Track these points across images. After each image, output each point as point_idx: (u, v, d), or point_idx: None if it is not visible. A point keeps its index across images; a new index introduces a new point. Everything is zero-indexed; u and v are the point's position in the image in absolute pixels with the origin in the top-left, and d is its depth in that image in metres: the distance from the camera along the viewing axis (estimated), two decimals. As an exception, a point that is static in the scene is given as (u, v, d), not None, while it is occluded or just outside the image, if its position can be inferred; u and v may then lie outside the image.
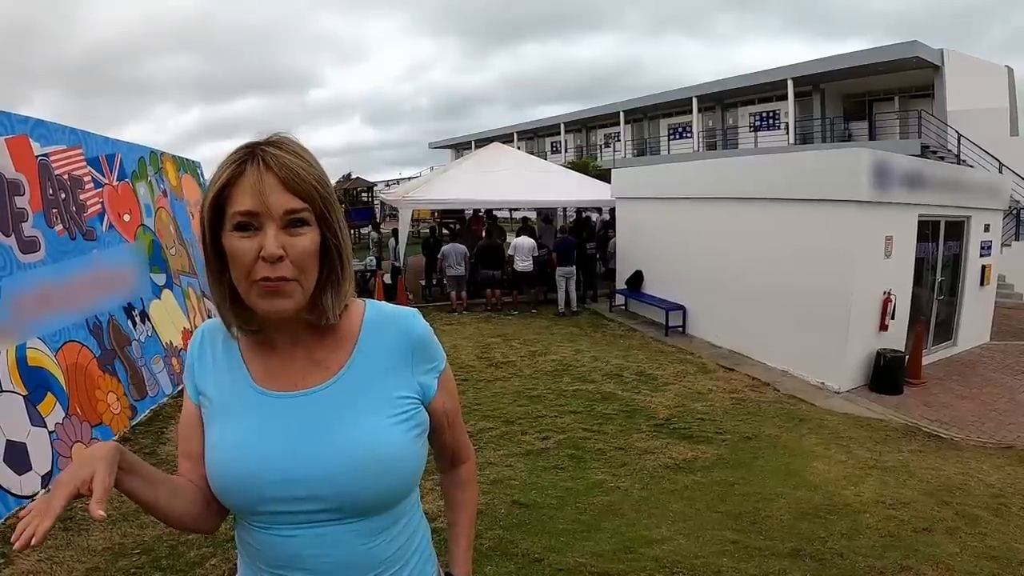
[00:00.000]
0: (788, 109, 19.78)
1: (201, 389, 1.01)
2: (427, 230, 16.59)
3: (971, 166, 12.75)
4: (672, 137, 25.95)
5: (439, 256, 10.50)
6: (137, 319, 5.39)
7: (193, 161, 8.03)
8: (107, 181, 5.36)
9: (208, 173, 0.95)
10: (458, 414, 1.14)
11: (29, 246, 4.06)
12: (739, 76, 21.25)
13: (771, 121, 21.67)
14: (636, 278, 9.98)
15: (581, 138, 32.38)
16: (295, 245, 0.86)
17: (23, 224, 4.04)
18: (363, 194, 25.46)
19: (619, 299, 10.55)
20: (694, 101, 22.98)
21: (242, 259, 0.86)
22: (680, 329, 8.79)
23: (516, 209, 19.66)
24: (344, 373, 0.96)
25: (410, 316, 1.03)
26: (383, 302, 1.05)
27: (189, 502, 0.96)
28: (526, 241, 10.48)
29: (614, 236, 11.02)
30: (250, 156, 0.87)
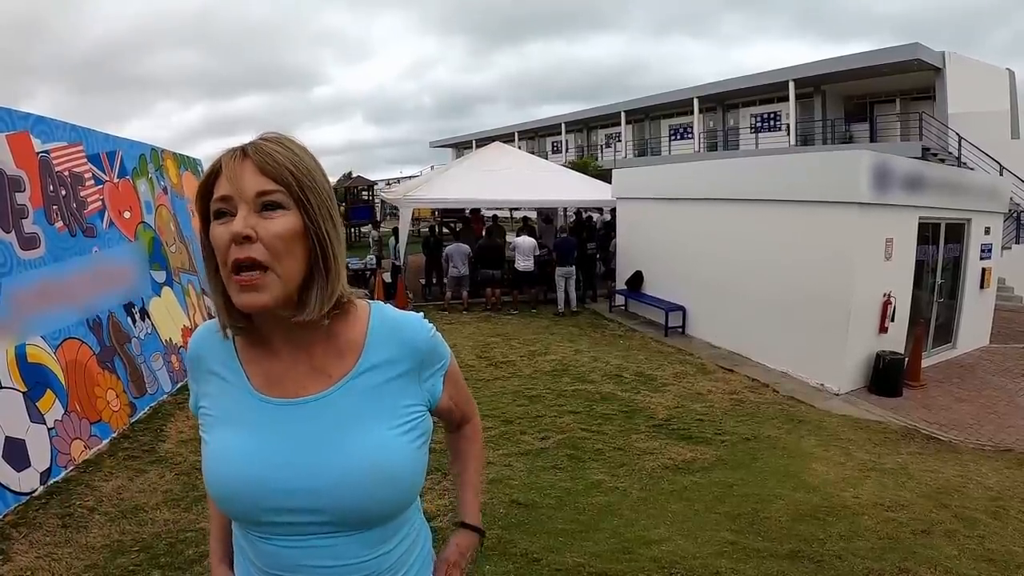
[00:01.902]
0: (789, 110, 19.77)
1: (200, 401, 1.01)
2: (427, 229, 16.59)
3: (972, 169, 12.75)
4: (673, 138, 25.94)
5: (444, 257, 10.50)
6: (137, 316, 5.39)
7: (194, 158, 8.03)
8: (108, 178, 5.36)
9: (209, 171, 0.95)
10: (463, 389, 1.14)
11: (29, 243, 4.06)
12: (740, 77, 21.24)
13: (772, 122, 21.65)
14: (636, 278, 9.98)
15: (582, 138, 32.36)
16: (267, 228, 0.83)
17: (23, 220, 4.04)
18: (363, 193, 25.44)
19: (619, 299, 10.54)
20: (695, 102, 22.96)
21: (219, 245, 0.85)
22: (680, 330, 8.79)
23: (517, 209, 19.66)
24: (346, 382, 0.93)
25: (416, 324, 1.00)
26: (388, 306, 1.02)
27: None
28: (527, 241, 10.48)
29: (615, 236, 11.03)
30: (235, 150, 0.87)
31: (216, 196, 0.86)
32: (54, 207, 4.42)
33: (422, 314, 1.03)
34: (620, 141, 27.85)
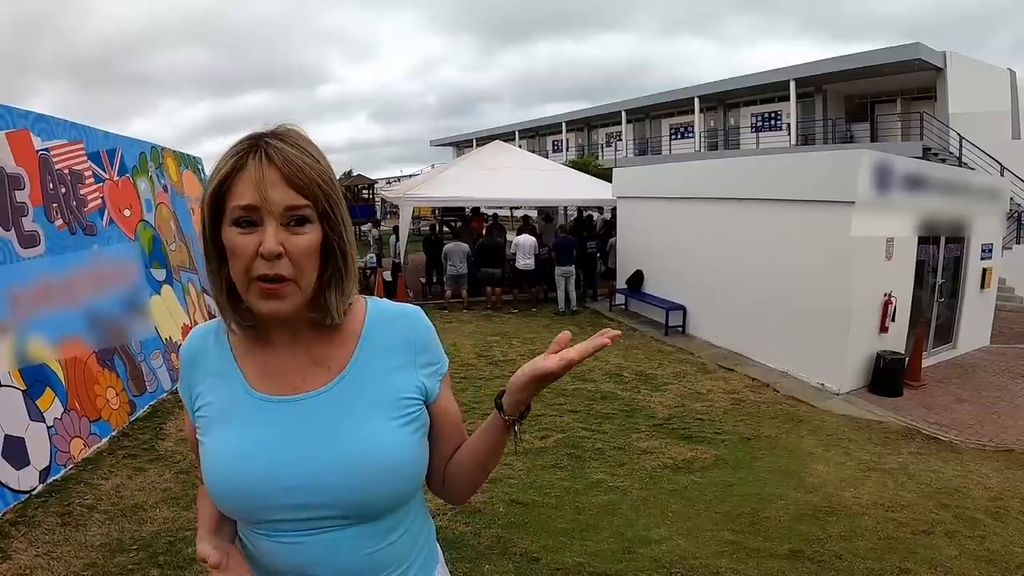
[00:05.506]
0: (790, 110, 19.76)
1: (196, 403, 0.99)
2: (427, 228, 16.61)
3: (972, 169, 12.75)
4: (674, 137, 25.93)
5: (442, 255, 10.51)
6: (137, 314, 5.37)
7: (194, 157, 8.02)
8: (108, 176, 5.35)
9: (210, 168, 0.93)
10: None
11: (29, 240, 4.05)
12: (741, 76, 21.23)
13: (773, 122, 21.64)
14: (636, 277, 9.97)
15: (583, 137, 32.35)
16: (295, 243, 0.84)
17: (23, 218, 4.03)
18: (364, 191, 25.46)
19: (619, 298, 10.53)
20: (696, 101, 22.95)
21: (241, 255, 0.83)
22: (680, 329, 8.78)
23: (517, 207, 19.67)
24: (346, 374, 0.93)
25: (413, 314, 1.01)
26: (385, 299, 1.03)
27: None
28: (528, 239, 10.48)
29: (615, 235, 11.02)
30: (253, 148, 0.84)
31: (239, 203, 0.83)
32: (54, 205, 4.41)
33: (420, 309, 1.04)
34: (621, 140, 27.84)
